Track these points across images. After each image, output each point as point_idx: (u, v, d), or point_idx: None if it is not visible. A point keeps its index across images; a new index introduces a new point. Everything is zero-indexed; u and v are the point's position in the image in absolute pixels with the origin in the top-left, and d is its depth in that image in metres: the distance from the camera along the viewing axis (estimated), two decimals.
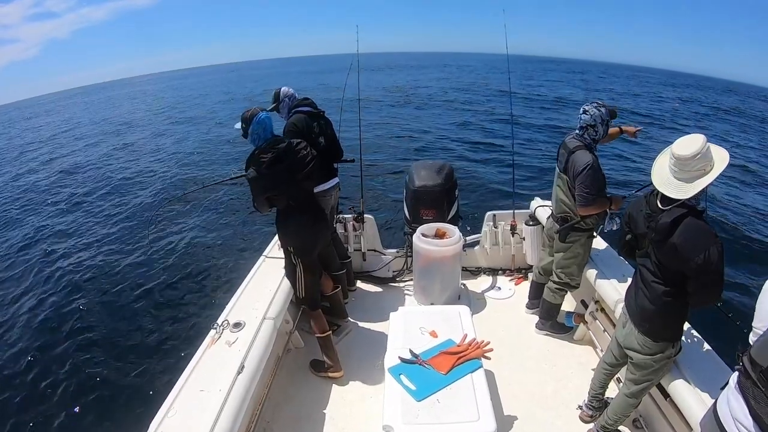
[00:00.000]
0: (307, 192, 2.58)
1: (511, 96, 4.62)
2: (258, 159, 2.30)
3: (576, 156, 2.48)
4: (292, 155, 2.40)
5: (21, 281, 6.35)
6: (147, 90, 62.43)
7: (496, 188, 8.57)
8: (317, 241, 2.69)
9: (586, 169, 2.41)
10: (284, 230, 2.55)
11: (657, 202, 1.75)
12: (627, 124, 2.78)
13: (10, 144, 21.32)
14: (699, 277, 1.62)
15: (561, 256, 2.83)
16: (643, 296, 1.85)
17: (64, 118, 30.03)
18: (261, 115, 2.35)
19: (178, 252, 6.69)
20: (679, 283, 1.72)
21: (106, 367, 4.24)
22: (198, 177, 10.45)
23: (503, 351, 2.83)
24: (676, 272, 1.70)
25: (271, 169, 2.29)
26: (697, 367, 1.95)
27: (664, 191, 1.69)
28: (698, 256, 1.57)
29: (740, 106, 26.78)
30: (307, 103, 3.03)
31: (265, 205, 2.43)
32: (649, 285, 1.82)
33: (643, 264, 1.87)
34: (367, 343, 3.05)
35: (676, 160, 1.64)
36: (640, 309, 1.87)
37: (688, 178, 1.63)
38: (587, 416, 2.37)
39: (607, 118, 2.47)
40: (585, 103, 2.52)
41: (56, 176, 12.49)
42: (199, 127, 18.44)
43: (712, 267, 1.57)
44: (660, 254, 1.73)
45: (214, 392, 1.89)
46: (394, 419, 1.70)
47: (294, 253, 2.57)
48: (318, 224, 2.65)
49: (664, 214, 1.68)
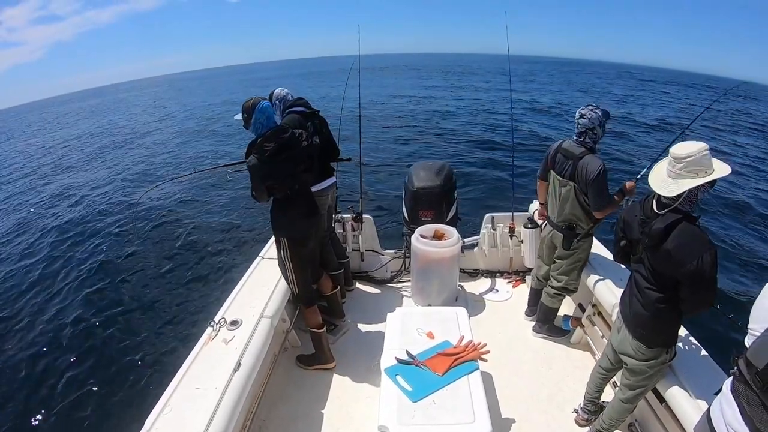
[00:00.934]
0: (305, 184, 2.57)
1: (511, 96, 4.60)
2: (261, 147, 2.27)
3: (586, 162, 2.46)
4: (295, 145, 2.39)
5: (20, 277, 6.34)
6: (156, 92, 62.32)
7: (495, 190, 8.58)
8: (310, 233, 2.66)
9: (600, 174, 2.40)
10: (279, 221, 2.53)
11: (652, 206, 1.74)
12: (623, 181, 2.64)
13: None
14: (691, 283, 1.62)
15: (564, 262, 2.81)
16: (637, 302, 1.85)
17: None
18: (263, 103, 2.34)
19: (173, 248, 6.68)
20: (673, 289, 1.72)
21: (101, 364, 4.24)
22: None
23: (500, 353, 2.83)
24: (669, 278, 1.70)
25: (273, 158, 2.27)
26: (692, 373, 1.96)
27: (652, 184, 1.70)
28: (691, 263, 1.57)
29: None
30: (301, 103, 3.01)
31: (264, 193, 2.39)
32: (643, 291, 1.82)
33: (637, 270, 1.86)
34: (364, 344, 3.05)
35: (671, 159, 1.64)
36: (634, 315, 1.87)
37: (676, 176, 1.63)
38: (583, 420, 2.37)
39: (604, 119, 2.48)
40: (580, 108, 2.51)
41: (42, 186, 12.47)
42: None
43: (705, 274, 1.56)
44: (653, 260, 1.73)
45: (210, 390, 1.89)
46: (390, 420, 1.70)
47: (287, 245, 2.53)
48: (312, 217, 2.63)
49: (658, 220, 1.68)
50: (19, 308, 5.46)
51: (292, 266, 2.57)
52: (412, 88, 30.53)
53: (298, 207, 2.51)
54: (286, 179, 2.38)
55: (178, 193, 9.31)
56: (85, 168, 13.31)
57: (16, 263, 6.83)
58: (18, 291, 5.92)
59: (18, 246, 7.54)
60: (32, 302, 5.57)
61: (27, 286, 6.02)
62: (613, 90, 32.26)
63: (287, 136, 2.35)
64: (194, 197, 9.10)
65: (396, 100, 23.63)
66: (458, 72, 51.98)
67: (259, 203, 2.50)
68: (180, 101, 37.06)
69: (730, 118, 19.77)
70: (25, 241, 7.70)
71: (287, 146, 2.33)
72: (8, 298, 5.76)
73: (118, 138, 18.70)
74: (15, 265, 6.74)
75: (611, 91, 31.49)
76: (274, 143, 2.28)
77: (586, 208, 2.58)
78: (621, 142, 12.99)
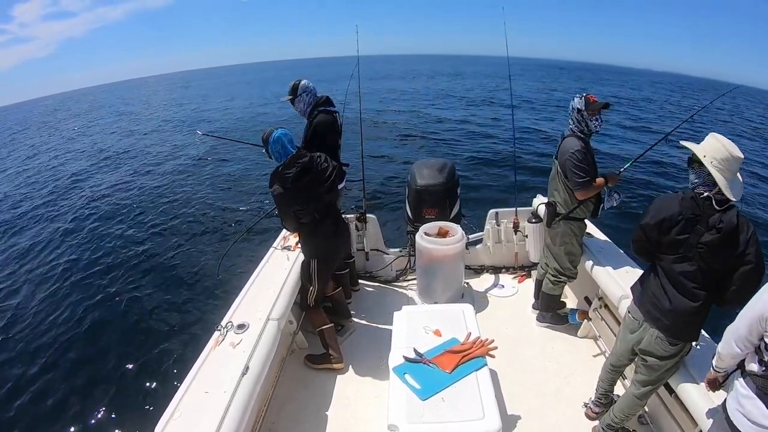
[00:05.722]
0: (330, 205, 2.63)
1: (511, 92, 4.58)
2: (282, 175, 2.34)
3: (564, 143, 2.62)
4: (315, 168, 2.43)
5: (27, 276, 6.39)
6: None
7: (499, 186, 8.56)
8: (339, 253, 2.80)
9: (573, 153, 2.52)
10: (309, 244, 2.64)
11: (712, 203, 1.69)
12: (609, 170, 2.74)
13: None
14: (754, 269, 1.65)
15: (552, 245, 2.89)
16: (679, 300, 1.80)
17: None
18: (275, 134, 2.39)
19: (179, 254, 6.70)
20: (716, 284, 1.74)
21: (110, 368, 4.26)
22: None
23: (507, 349, 2.82)
24: (720, 272, 1.71)
25: (296, 183, 2.34)
26: (702, 365, 1.94)
27: (735, 192, 1.66)
28: (751, 249, 1.63)
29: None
30: (328, 102, 2.99)
31: (293, 220, 2.48)
32: (686, 289, 1.78)
33: (680, 269, 1.78)
34: (371, 343, 3.05)
35: (738, 157, 1.65)
36: (671, 312, 1.83)
37: (736, 175, 1.68)
38: (594, 413, 2.36)
39: (579, 107, 2.54)
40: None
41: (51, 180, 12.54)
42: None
43: (762, 258, 1.63)
44: (712, 255, 1.69)
45: (219, 394, 1.89)
46: (399, 418, 1.70)
47: (316, 266, 2.63)
48: (340, 236, 2.73)
49: (726, 215, 1.66)
50: (24, 309, 5.50)
51: (317, 283, 2.67)
52: (413, 89, 30.48)
53: (327, 227, 2.59)
54: (310, 203, 2.44)
55: (186, 193, 9.32)
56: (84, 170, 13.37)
57: (16, 262, 6.88)
58: (21, 293, 5.97)
59: (18, 245, 7.58)
60: (36, 304, 5.59)
61: (27, 288, 6.06)
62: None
63: (306, 160, 2.39)
64: (196, 196, 9.10)
65: (396, 100, 23.63)
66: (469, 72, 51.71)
67: (291, 232, 2.58)
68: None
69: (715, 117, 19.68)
70: (24, 239, 7.75)
71: (307, 170, 2.38)
72: (7, 298, 5.81)
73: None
74: (15, 265, 6.78)
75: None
76: (295, 168, 2.34)
77: (567, 190, 2.67)
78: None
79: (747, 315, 1.47)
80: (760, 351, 1.45)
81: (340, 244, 2.77)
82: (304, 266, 2.73)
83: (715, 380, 1.76)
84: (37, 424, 3.69)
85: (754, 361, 1.48)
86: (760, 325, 1.41)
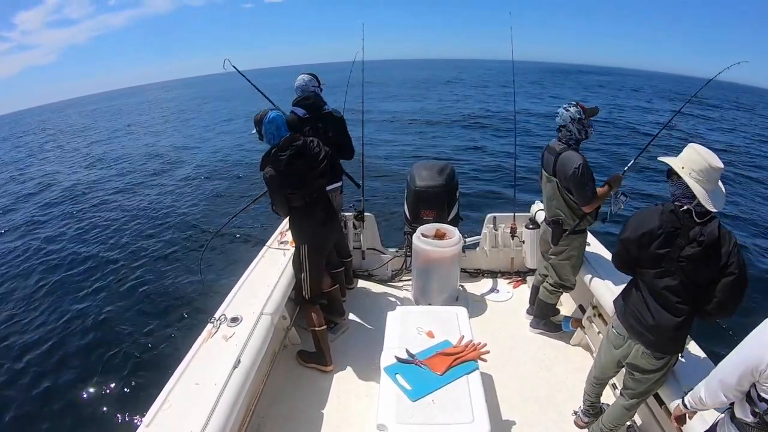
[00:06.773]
0: (321, 189, 2.61)
1: (515, 96, 4.57)
2: (276, 157, 2.32)
3: (564, 158, 2.53)
4: (309, 152, 2.42)
5: (23, 270, 6.37)
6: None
7: (497, 190, 8.56)
8: (330, 239, 2.76)
9: (579, 169, 2.45)
10: (299, 229, 2.60)
11: (692, 215, 1.65)
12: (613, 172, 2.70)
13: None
14: (736, 283, 1.62)
15: (555, 258, 2.86)
16: (661, 315, 1.77)
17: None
18: (270, 114, 2.37)
19: (174, 245, 6.70)
20: (699, 297, 1.71)
21: (101, 358, 4.25)
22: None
23: (500, 354, 2.83)
24: (703, 286, 1.67)
25: (289, 167, 2.32)
26: (692, 375, 1.94)
27: (716, 202, 1.61)
28: (735, 263, 1.61)
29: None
30: (307, 104, 2.95)
31: (284, 204, 2.46)
32: (672, 306, 1.75)
33: (662, 284, 1.75)
34: (364, 342, 3.05)
35: (718, 168, 1.60)
36: (655, 328, 1.80)
37: (717, 184, 1.64)
38: (582, 423, 2.37)
39: (579, 116, 2.50)
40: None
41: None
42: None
43: (746, 272, 1.62)
44: (694, 268, 1.66)
45: (210, 386, 1.89)
46: (389, 418, 1.70)
47: (306, 252, 2.60)
48: (330, 222, 2.70)
49: (707, 227, 1.62)
50: (17, 302, 5.48)
51: (309, 271, 2.64)
52: (415, 92, 30.46)
53: (317, 213, 2.57)
54: (301, 187, 2.42)
55: (181, 191, 9.32)
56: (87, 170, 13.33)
57: (15, 261, 6.85)
58: (20, 282, 5.95)
59: (17, 243, 7.57)
60: (31, 297, 5.58)
61: (24, 282, 6.05)
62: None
63: (300, 143, 2.38)
64: (196, 196, 9.12)
65: (397, 100, 23.61)
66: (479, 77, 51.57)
67: (281, 216, 2.54)
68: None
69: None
70: (23, 240, 7.72)
71: (301, 153, 2.36)
72: (7, 297, 5.80)
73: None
74: (14, 265, 6.76)
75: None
76: (289, 151, 2.32)
77: (571, 204, 2.63)
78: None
79: (738, 364, 1.38)
80: (752, 401, 1.36)
81: (329, 231, 2.73)
82: (295, 255, 2.69)
83: (684, 417, 1.72)
84: (24, 412, 3.68)
85: (745, 411, 1.40)
86: (752, 376, 1.33)
